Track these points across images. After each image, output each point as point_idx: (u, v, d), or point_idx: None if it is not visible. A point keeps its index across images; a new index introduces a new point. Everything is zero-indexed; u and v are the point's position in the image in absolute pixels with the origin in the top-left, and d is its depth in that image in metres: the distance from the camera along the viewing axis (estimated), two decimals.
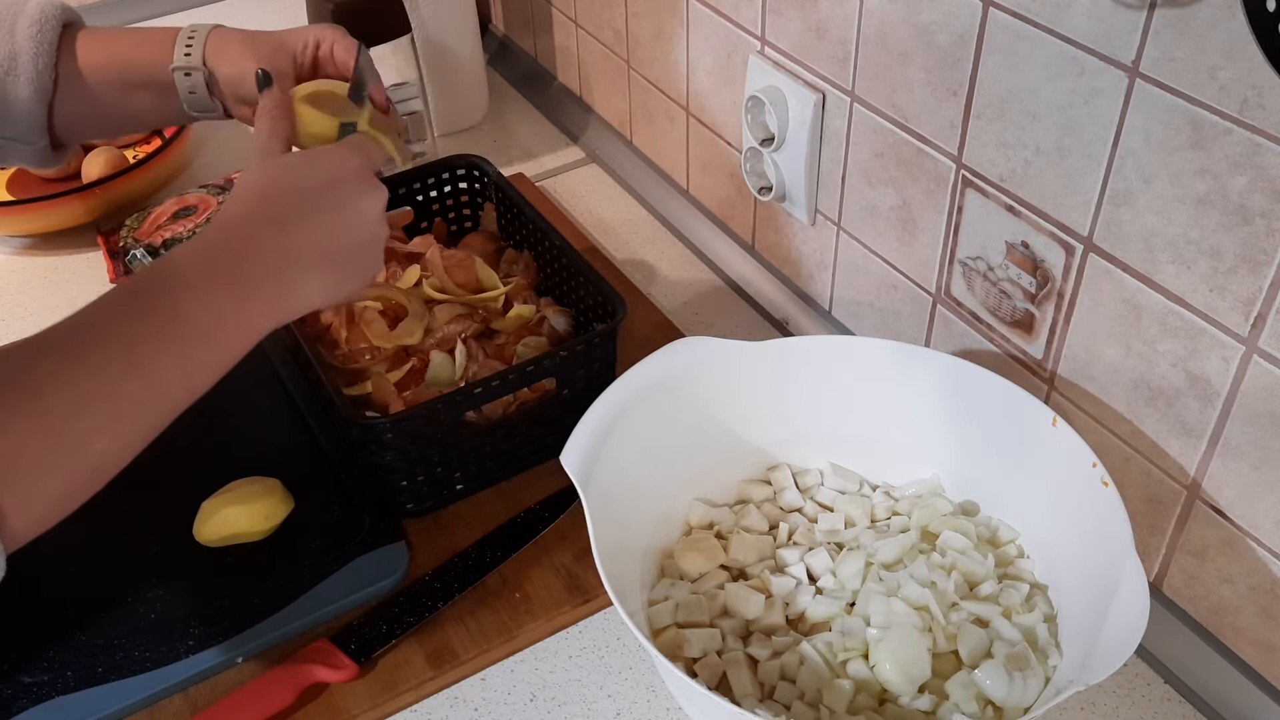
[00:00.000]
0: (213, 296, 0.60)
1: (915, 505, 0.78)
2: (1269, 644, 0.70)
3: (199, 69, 0.81)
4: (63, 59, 0.80)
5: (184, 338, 0.59)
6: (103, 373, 0.56)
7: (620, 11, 1.14)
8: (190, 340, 0.59)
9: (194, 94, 0.82)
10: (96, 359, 0.56)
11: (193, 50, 0.81)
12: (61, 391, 0.54)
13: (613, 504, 0.70)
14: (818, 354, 0.81)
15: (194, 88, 0.82)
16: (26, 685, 0.73)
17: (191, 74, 0.81)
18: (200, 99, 0.83)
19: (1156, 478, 0.73)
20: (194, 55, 0.81)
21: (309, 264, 0.64)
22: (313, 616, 0.77)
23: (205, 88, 0.82)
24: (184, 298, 0.59)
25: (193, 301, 0.59)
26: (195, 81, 0.82)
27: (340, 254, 0.66)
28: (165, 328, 0.58)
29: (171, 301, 0.59)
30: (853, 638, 0.70)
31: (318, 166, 0.67)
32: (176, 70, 0.81)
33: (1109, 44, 0.64)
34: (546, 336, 0.92)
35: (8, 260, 1.13)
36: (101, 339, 0.57)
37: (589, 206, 1.20)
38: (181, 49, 0.81)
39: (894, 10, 0.78)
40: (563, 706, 0.75)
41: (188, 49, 0.81)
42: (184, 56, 0.81)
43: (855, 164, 0.89)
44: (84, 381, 0.55)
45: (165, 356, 0.58)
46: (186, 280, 0.60)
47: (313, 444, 0.89)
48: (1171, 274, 0.66)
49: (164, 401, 0.59)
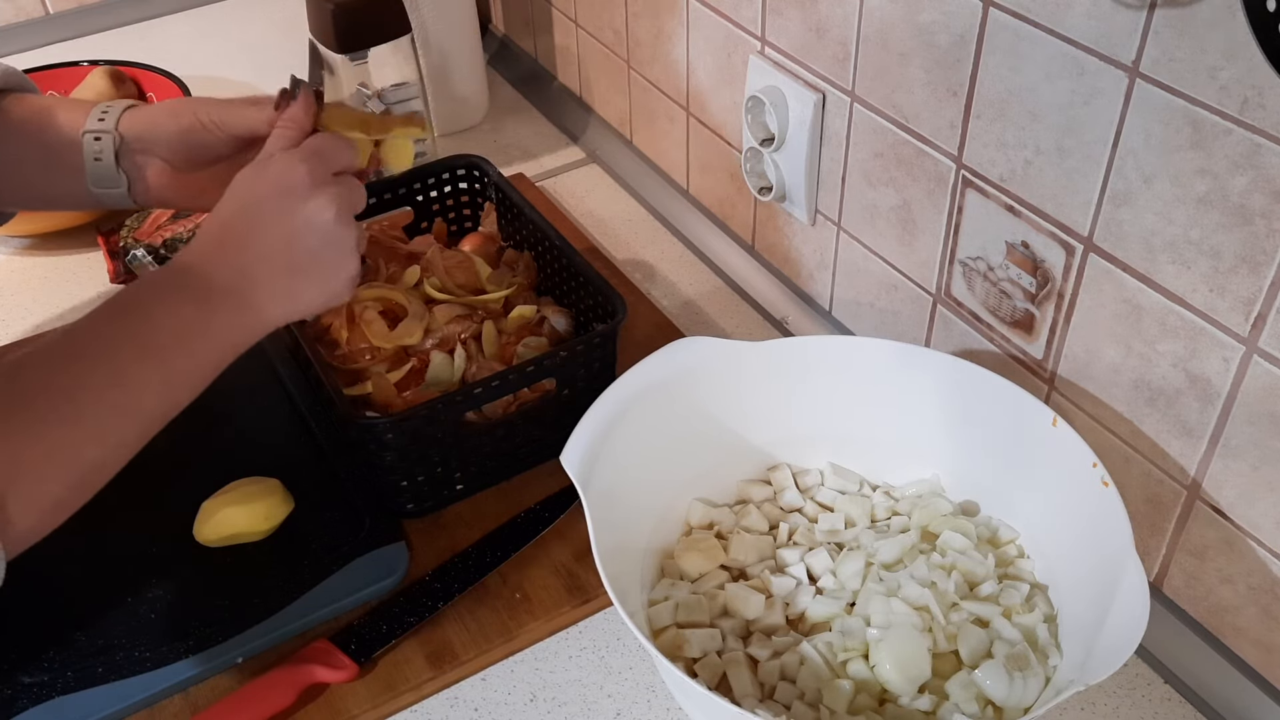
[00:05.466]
0: (178, 306, 0.63)
1: (915, 505, 0.78)
2: (1269, 644, 0.70)
3: (110, 133, 0.76)
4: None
5: (159, 346, 0.61)
6: (87, 382, 0.58)
7: (620, 11, 1.14)
8: (165, 348, 0.61)
9: (100, 161, 0.77)
10: (81, 367, 0.58)
11: (107, 117, 0.77)
12: (51, 400, 0.57)
13: (613, 504, 0.70)
14: (818, 354, 0.81)
15: (100, 153, 0.76)
16: (26, 685, 0.73)
17: (101, 138, 0.76)
18: (105, 168, 0.77)
19: (1156, 478, 0.73)
20: (108, 121, 0.77)
21: (262, 276, 0.66)
22: (313, 616, 0.77)
23: (113, 157, 0.77)
24: (156, 310, 0.62)
25: (164, 314, 0.62)
26: (104, 146, 0.76)
27: (296, 263, 0.67)
28: (141, 336, 0.61)
29: (145, 311, 0.62)
30: (853, 638, 0.70)
31: (264, 178, 0.67)
32: (87, 134, 0.76)
33: (1109, 44, 0.64)
34: (547, 337, 0.91)
35: (8, 260, 1.13)
36: (86, 350, 0.59)
37: (589, 206, 1.20)
38: (96, 114, 0.77)
39: (894, 10, 0.78)
40: (563, 706, 0.75)
41: (102, 115, 0.77)
42: (97, 121, 0.77)
43: (855, 164, 0.89)
44: (71, 390, 0.57)
45: (143, 366, 0.60)
46: (160, 293, 0.63)
47: (313, 444, 0.89)
48: (1171, 274, 0.66)
49: (146, 409, 0.61)
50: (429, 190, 1.03)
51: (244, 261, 0.65)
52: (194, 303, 0.63)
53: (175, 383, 0.62)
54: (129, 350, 0.60)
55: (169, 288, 0.64)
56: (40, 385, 0.56)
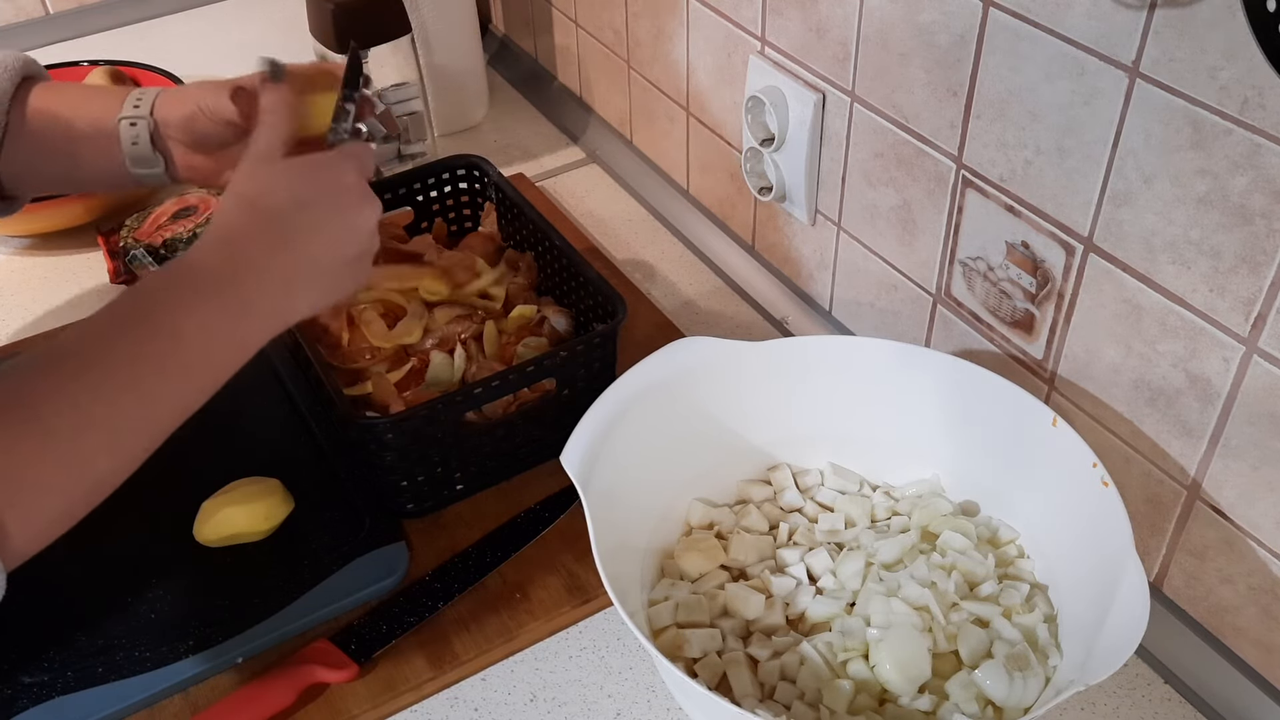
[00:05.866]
0: (210, 316, 0.60)
1: (915, 505, 0.78)
2: (1269, 644, 0.70)
3: (145, 118, 0.79)
4: (15, 108, 0.79)
5: (183, 359, 0.59)
6: (100, 391, 0.56)
7: (620, 11, 1.14)
8: (189, 361, 0.59)
9: (137, 145, 0.79)
10: (95, 377, 0.56)
11: (141, 103, 0.80)
12: (61, 410, 0.55)
13: (613, 504, 0.70)
14: (818, 354, 0.81)
15: (137, 138, 0.79)
16: (26, 685, 0.73)
17: (137, 123, 0.79)
18: (143, 151, 0.80)
19: (1157, 478, 0.73)
20: (142, 107, 0.79)
21: (306, 280, 0.65)
22: (313, 616, 0.77)
23: (149, 140, 0.79)
24: (184, 320, 0.59)
25: (192, 322, 0.59)
26: (139, 131, 0.79)
27: (334, 268, 0.66)
28: (164, 349, 0.59)
29: (171, 322, 0.59)
30: (853, 638, 0.70)
31: (317, 179, 0.66)
32: (122, 120, 0.79)
33: (1109, 44, 0.64)
34: (547, 337, 0.92)
35: (8, 260, 1.13)
36: (100, 357, 0.57)
37: (589, 206, 1.20)
38: (131, 101, 0.80)
39: (894, 10, 0.78)
40: (563, 707, 0.75)
41: (137, 102, 0.80)
42: (133, 108, 0.79)
43: (855, 164, 0.89)
44: (82, 400, 0.55)
45: (166, 379, 0.59)
46: (185, 299, 0.60)
47: (313, 444, 0.89)
48: (1172, 274, 0.66)
49: (163, 420, 0.59)
50: (429, 190, 1.03)
51: (288, 262, 0.63)
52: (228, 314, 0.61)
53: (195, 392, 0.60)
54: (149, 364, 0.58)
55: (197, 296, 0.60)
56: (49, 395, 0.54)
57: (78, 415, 0.55)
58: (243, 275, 0.62)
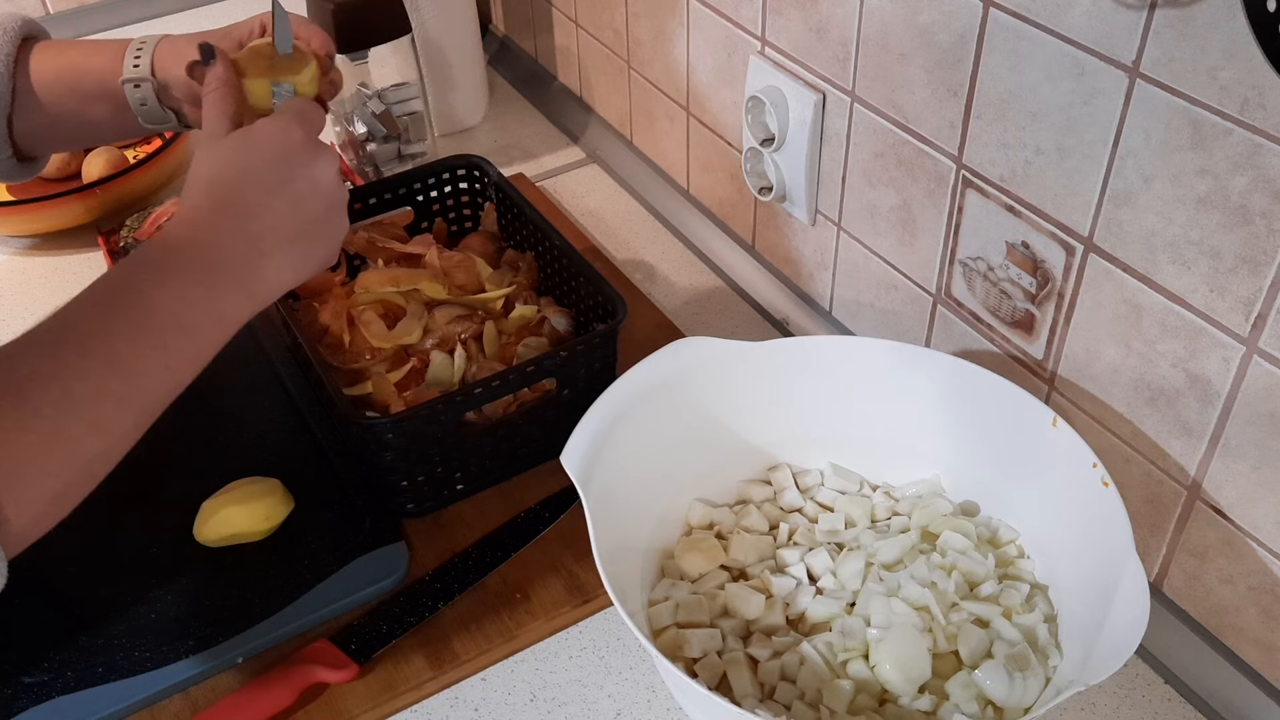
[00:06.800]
0: (182, 288, 0.60)
1: (915, 505, 0.78)
2: (1269, 644, 0.70)
3: (148, 80, 0.79)
4: (20, 71, 0.79)
5: (159, 330, 0.59)
6: (83, 371, 0.56)
7: (620, 11, 1.14)
8: (165, 332, 0.59)
9: (145, 105, 0.80)
10: (76, 357, 0.56)
11: (141, 61, 0.80)
12: (46, 392, 0.55)
13: (613, 504, 0.70)
14: (818, 354, 0.81)
15: (144, 99, 0.80)
16: (26, 685, 0.73)
17: (140, 85, 0.79)
18: (152, 110, 0.81)
19: (1157, 478, 0.73)
20: (142, 66, 0.79)
21: (272, 245, 0.64)
22: (313, 616, 0.77)
23: (156, 99, 0.80)
24: (155, 292, 0.59)
25: (164, 295, 0.59)
26: (145, 93, 0.80)
27: (303, 229, 0.66)
28: (139, 322, 0.59)
29: (143, 296, 0.59)
30: (853, 638, 0.70)
31: (263, 144, 0.66)
32: (126, 83, 0.79)
33: (1109, 44, 0.64)
34: (547, 337, 0.92)
35: (8, 260, 1.14)
36: (79, 337, 0.57)
37: (589, 206, 1.20)
38: (130, 60, 0.80)
39: (894, 10, 0.78)
40: (563, 707, 0.75)
41: (136, 60, 0.80)
42: (133, 68, 0.79)
43: (855, 164, 0.89)
44: (67, 380, 0.55)
45: (143, 351, 0.58)
46: (156, 274, 0.60)
47: (313, 444, 0.89)
48: (1172, 274, 0.66)
49: (147, 395, 0.59)
50: (429, 190, 1.03)
51: (252, 232, 0.63)
52: (199, 284, 0.61)
53: (177, 366, 0.60)
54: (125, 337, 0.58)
55: (167, 270, 0.61)
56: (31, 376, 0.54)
57: (62, 394, 0.55)
58: (208, 248, 0.62)
